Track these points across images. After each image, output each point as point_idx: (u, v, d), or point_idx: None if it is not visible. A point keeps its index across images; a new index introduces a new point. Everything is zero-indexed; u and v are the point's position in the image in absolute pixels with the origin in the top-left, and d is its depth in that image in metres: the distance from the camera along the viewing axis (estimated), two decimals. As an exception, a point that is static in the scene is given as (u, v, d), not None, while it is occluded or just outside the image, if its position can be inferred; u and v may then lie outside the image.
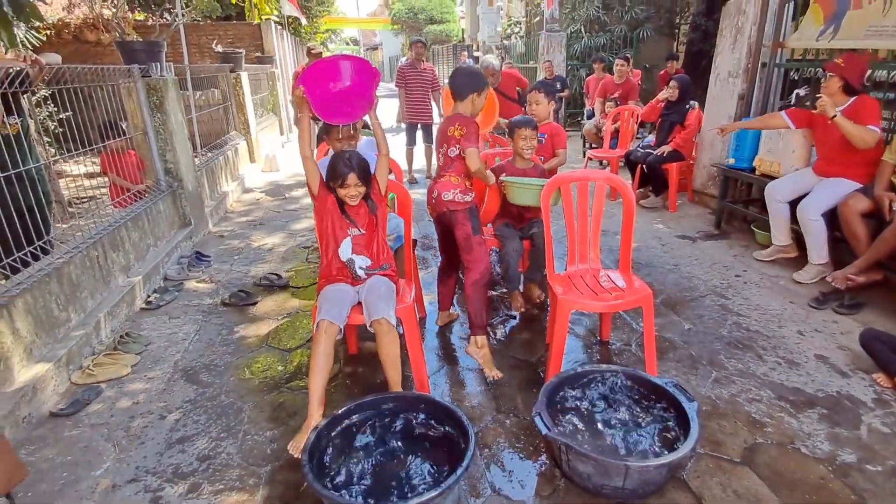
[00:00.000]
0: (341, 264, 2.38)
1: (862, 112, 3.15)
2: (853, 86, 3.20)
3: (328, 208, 2.36)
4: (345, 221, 2.37)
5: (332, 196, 2.36)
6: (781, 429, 2.25)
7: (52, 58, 3.05)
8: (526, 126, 3.08)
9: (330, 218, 2.37)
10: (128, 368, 2.77)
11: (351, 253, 2.36)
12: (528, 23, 11.58)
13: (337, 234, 2.37)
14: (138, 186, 3.99)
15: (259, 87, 8.96)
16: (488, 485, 2.01)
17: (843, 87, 3.20)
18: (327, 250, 2.41)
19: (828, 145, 3.35)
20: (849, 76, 3.17)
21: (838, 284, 3.07)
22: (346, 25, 28.57)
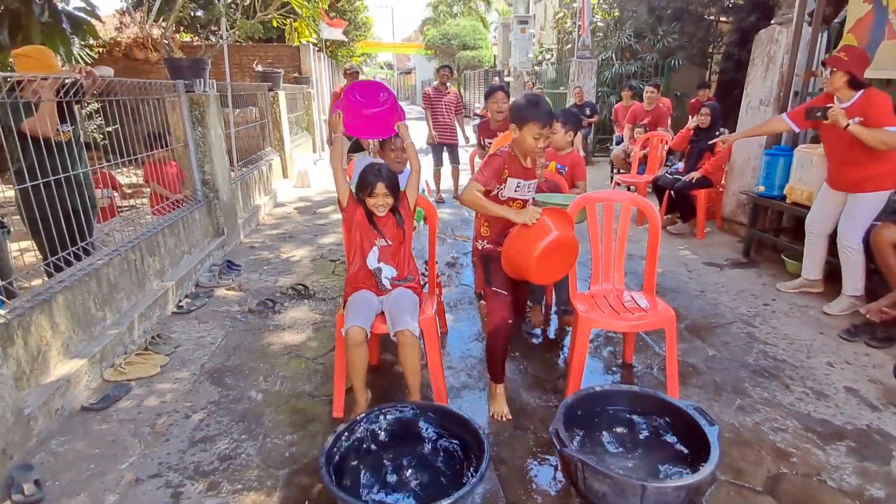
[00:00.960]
0: (368, 273, 2.45)
1: (873, 108, 2.99)
2: (859, 79, 3.06)
3: (357, 220, 2.45)
4: (373, 232, 2.44)
5: (360, 208, 2.45)
6: (807, 460, 2.19)
7: (105, 71, 3.23)
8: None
9: (359, 229, 2.45)
10: (157, 368, 2.86)
11: (378, 262, 2.43)
12: (560, 50, 11.73)
13: (364, 244, 2.45)
14: (177, 196, 4.15)
15: (295, 105, 9.26)
16: (503, 498, 2.00)
17: (849, 82, 3.06)
18: (355, 259, 2.48)
19: (839, 148, 3.18)
20: (853, 69, 3.03)
21: (873, 317, 2.98)
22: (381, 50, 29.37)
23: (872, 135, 2.98)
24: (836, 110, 3.06)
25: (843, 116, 3.04)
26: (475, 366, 2.91)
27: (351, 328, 2.23)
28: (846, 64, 3.04)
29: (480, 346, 3.11)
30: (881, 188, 3.13)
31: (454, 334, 3.26)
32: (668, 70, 8.86)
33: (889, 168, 3.10)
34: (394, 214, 2.47)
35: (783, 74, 4.15)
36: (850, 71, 3.04)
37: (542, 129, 2.25)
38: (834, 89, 3.13)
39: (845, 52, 3.08)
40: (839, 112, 3.04)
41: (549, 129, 2.31)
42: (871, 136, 2.98)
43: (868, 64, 3.09)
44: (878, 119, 2.98)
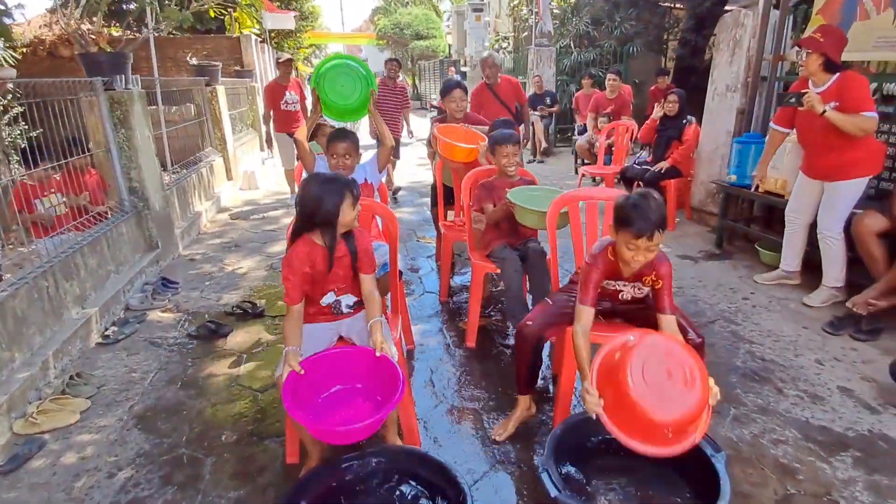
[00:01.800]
0: (321, 308, 2.09)
1: (850, 92, 2.83)
2: (835, 61, 2.90)
3: (305, 270, 1.95)
4: (327, 284, 2.04)
5: (315, 252, 1.96)
6: (814, 476, 2.01)
7: (6, 73, 2.78)
8: (507, 142, 2.84)
9: (308, 280, 1.98)
10: (76, 415, 2.44)
11: (335, 297, 2.08)
12: (516, 38, 11.50)
13: (315, 292, 2.04)
14: (99, 208, 3.66)
15: (238, 101, 8.67)
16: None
17: (824, 64, 2.90)
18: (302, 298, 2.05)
19: (814, 135, 3.01)
20: (829, 51, 2.86)
21: (860, 310, 2.85)
22: (330, 41, 28.39)
23: (850, 121, 2.82)
24: (812, 96, 2.88)
25: (819, 102, 2.86)
26: (446, 389, 2.62)
27: (279, 378, 1.84)
28: (821, 45, 2.87)
29: (451, 364, 2.82)
30: (859, 175, 2.99)
31: (422, 350, 2.97)
32: (626, 57, 8.75)
33: (866, 154, 2.96)
34: (349, 257, 2.01)
35: (750, 59, 4.01)
36: (826, 53, 2.87)
37: (637, 240, 1.80)
38: (809, 73, 2.96)
39: (821, 32, 2.90)
40: (815, 98, 2.87)
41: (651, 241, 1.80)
42: (848, 123, 2.82)
43: (845, 44, 2.92)
44: (855, 104, 2.82)
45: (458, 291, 3.75)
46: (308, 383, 1.82)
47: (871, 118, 2.80)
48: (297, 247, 1.91)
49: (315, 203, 1.88)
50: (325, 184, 1.91)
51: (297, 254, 1.90)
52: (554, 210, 2.44)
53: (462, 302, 3.56)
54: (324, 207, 1.88)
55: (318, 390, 1.90)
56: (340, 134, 2.68)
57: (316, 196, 1.88)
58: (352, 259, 2.01)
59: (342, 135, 2.67)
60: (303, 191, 1.93)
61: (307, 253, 1.92)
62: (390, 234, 2.45)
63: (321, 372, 1.89)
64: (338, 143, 2.62)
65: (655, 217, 1.78)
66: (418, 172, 7.94)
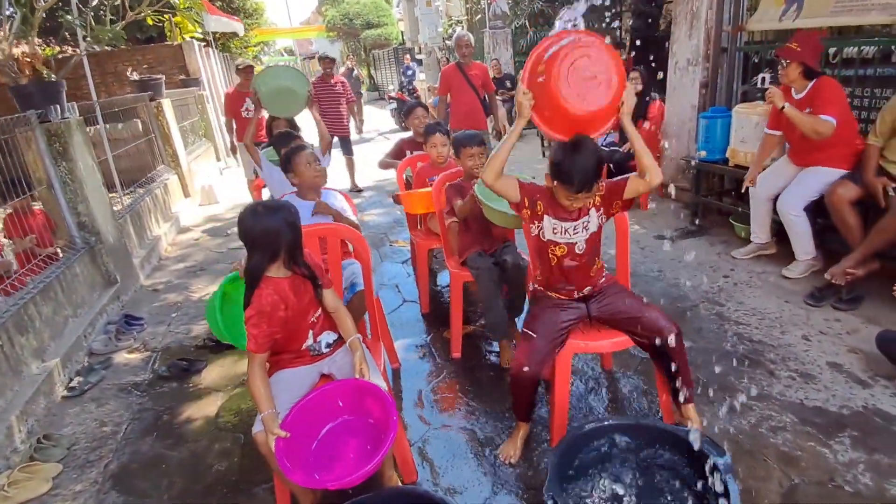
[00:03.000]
0: (300, 352, 1.96)
1: (820, 97, 2.94)
2: (813, 68, 2.97)
3: (273, 314, 1.80)
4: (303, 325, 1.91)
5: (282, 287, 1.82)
6: (817, 462, 1.99)
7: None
8: (471, 143, 2.74)
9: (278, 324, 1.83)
10: (48, 483, 2.27)
11: (313, 340, 1.95)
12: (470, 21, 11.28)
13: (290, 340, 1.93)
14: (49, 250, 3.42)
15: (187, 112, 8.31)
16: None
17: (804, 72, 2.98)
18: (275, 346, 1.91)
19: (796, 133, 3.10)
20: (807, 59, 2.94)
21: (838, 280, 2.86)
22: (278, 36, 27.57)
23: (806, 120, 2.93)
24: (773, 91, 2.99)
25: (779, 98, 2.97)
26: (436, 408, 2.53)
27: (258, 434, 1.73)
28: (799, 55, 2.94)
29: (439, 380, 2.73)
30: (836, 166, 3.05)
31: (408, 367, 2.86)
32: (581, 33, 8.64)
33: (847, 151, 3.03)
34: (307, 279, 1.88)
35: (709, 31, 3.96)
36: (804, 61, 2.95)
37: (575, 192, 1.88)
38: (789, 81, 3.03)
39: (797, 41, 2.96)
40: (777, 93, 2.98)
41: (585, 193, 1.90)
42: (805, 121, 2.93)
43: (822, 50, 3.01)
44: (822, 107, 2.91)
45: (438, 296, 3.65)
46: (296, 436, 1.71)
47: (827, 122, 2.87)
48: (261, 292, 1.75)
49: (274, 231, 1.73)
50: (267, 211, 1.76)
51: (264, 299, 1.75)
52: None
53: (444, 308, 3.47)
54: (283, 234, 1.74)
55: (308, 440, 1.79)
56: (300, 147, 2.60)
57: (270, 225, 1.73)
58: (311, 281, 1.87)
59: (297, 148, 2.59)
60: (248, 226, 1.75)
61: (273, 293, 1.77)
62: (362, 259, 2.32)
63: (306, 421, 1.78)
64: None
65: (592, 169, 1.85)
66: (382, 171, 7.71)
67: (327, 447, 1.80)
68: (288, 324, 1.84)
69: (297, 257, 1.81)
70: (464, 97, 4.84)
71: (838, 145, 3.02)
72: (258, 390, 1.73)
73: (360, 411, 1.85)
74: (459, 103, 4.88)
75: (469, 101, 4.83)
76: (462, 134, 2.79)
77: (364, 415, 1.85)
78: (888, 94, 3.11)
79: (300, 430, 1.74)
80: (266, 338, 1.76)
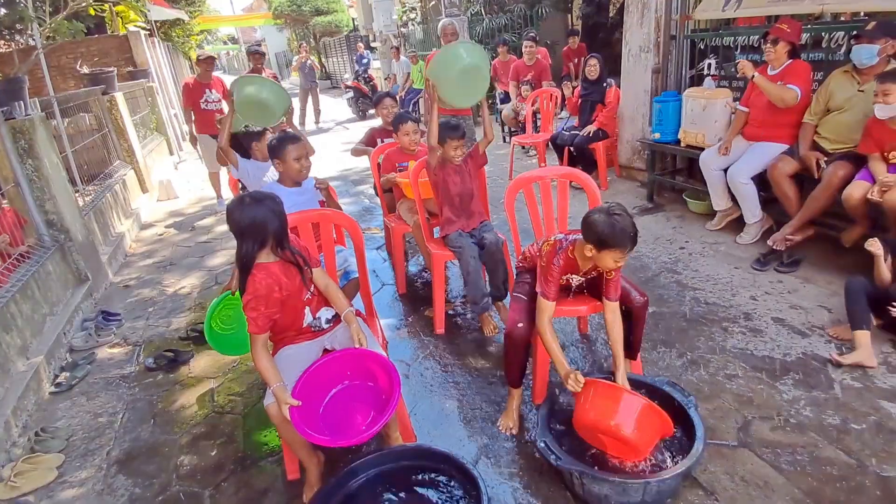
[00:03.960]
0: (301, 329, 2.08)
1: (792, 73, 3.26)
2: (797, 48, 3.32)
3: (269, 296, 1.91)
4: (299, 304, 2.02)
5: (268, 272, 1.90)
6: (765, 402, 2.29)
7: None
8: (454, 135, 2.82)
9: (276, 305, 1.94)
10: (53, 472, 2.32)
11: (312, 316, 2.08)
12: (424, 8, 11.30)
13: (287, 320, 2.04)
14: (20, 249, 3.37)
15: (137, 105, 8.05)
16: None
17: (790, 52, 3.30)
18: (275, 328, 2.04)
19: (757, 108, 3.45)
20: (795, 39, 3.27)
21: (779, 246, 3.20)
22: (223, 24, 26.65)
23: (773, 88, 3.26)
24: (744, 63, 3.34)
25: (749, 68, 3.31)
26: (425, 379, 2.70)
27: (270, 406, 1.87)
28: (788, 35, 3.24)
29: (425, 354, 2.90)
30: (780, 141, 3.39)
31: (395, 344, 3.01)
32: (537, 20, 8.87)
33: (789, 129, 3.38)
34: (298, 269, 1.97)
35: (658, 20, 4.24)
36: (792, 41, 3.26)
37: (624, 254, 1.94)
38: (775, 57, 3.33)
39: (786, 23, 3.27)
40: (747, 65, 3.32)
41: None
42: (772, 89, 3.26)
43: (801, 32, 3.37)
44: (791, 81, 3.25)
45: (414, 279, 3.80)
46: (305, 404, 1.84)
47: (793, 90, 3.22)
48: (255, 277, 1.86)
49: (261, 220, 1.84)
50: (254, 202, 1.86)
51: (258, 283, 1.85)
52: (510, 195, 2.53)
53: (420, 290, 3.63)
54: (270, 222, 1.85)
55: (316, 406, 1.92)
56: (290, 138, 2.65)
57: (257, 215, 1.83)
58: (297, 267, 1.98)
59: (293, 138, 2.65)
60: (237, 217, 1.84)
61: (266, 276, 1.87)
62: (356, 245, 2.45)
63: (313, 389, 1.91)
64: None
65: (635, 231, 1.90)
66: (345, 159, 7.72)
67: (335, 411, 1.94)
68: (285, 304, 1.95)
69: (284, 243, 1.91)
70: None
71: (788, 123, 3.36)
72: (264, 366, 1.85)
73: (362, 376, 1.99)
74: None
75: None
76: (446, 125, 2.86)
77: (366, 379, 1.99)
78: (820, 76, 3.45)
79: (308, 397, 1.87)
80: (265, 319, 1.88)
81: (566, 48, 7.47)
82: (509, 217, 2.65)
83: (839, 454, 2.00)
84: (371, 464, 1.94)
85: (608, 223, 1.88)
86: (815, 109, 3.21)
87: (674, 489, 1.88)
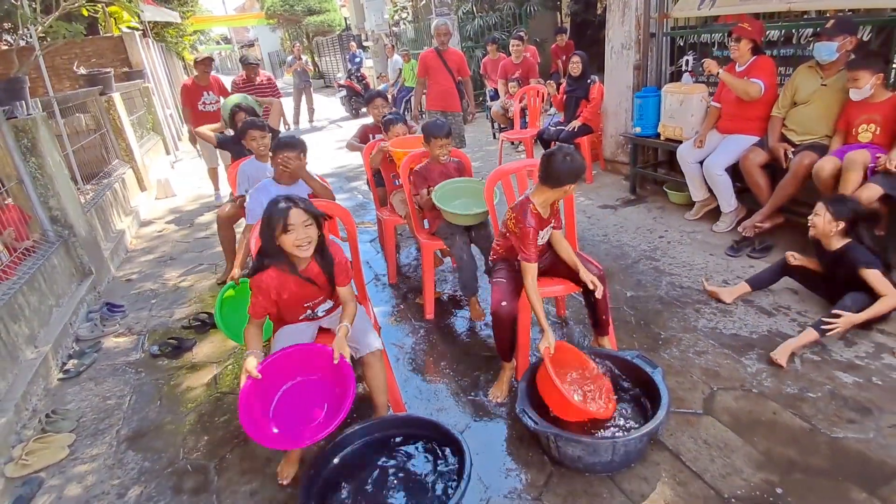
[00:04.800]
0: (297, 318, 2.25)
1: (755, 69, 3.46)
2: (759, 45, 3.51)
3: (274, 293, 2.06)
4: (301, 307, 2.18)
5: (271, 271, 2.04)
6: (731, 375, 2.46)
7: None
8: (440, 134, 2.99)
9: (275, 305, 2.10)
10: (65, 450, 2.47)
11: (311, 311, 2.24)
12: (415, 7, 11.45)
13: (289, 315, 2.20)
14: (26, 243, 3.51)
15: (133, 105, 8.17)
16: (483, 486, 2.02)
17: (752, 49, 3.50)
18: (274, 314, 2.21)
19: (728, 103, 3.66)
20: (756, 36, 3.46)
21: (748, 233, 3.38)
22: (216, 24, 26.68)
23: (737, 83, 3.47)
24: (709, 62, 3.56)
25: (714, 66, 3.52)
26: (416, 361, 2.87)
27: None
28: (750, 33, 3.44)
29: (416, 338, 3.07)
30: (749, 133, 3.60)
31: (388, 330, 3.17)
32: (526, 17, 9.03)
33: (757, 123, 3.58)
34: (320, 257, 2.09)
35: (638, 18, 4.41)
36: (754, 38, 3.46)
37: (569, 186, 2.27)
38: (740, 54, 3.53)
39: (748, 22, 3.48)
40: (712, 64, 3.54)
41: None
42: (736, 84, 3.47)
43: (764, 31, 3.58)
44: (755, 75, 3.45)
45: (404, 270, 3.96)
46: (267, 381, 1.98)
47: (756, 83, 3.42)
48: (268, 272, 2.02)
49: (263, 241, 1.99)
50: (265, 219, 1.97)
51: (266, 278, 2.02)
52: (490, 186, 2.70)
53: (409, 280, 3.79)
54: (265, 245, 1.99)
55: (275, 388, 2.03)
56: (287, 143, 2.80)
57: (261, 233, 1.99)
58: (327, 277, 2.13)
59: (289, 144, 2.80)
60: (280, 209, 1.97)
61: (276, 279, 2.03)
62: (349, 232, 2.61)
63: (282, 366, 2.03)
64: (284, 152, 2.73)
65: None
66: (339, 156, 7.90)
67: (292, 402, 2.05)
68: (284, 305, 2.12)
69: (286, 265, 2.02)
70: (440, 80, 5.18)
71: (757, 117, 3.55)
72: (248, 337, 2.06)
73: (328, 377, 2.06)
74: (436, 85, 5.21)
75: (445, 83, 5.18)
76: (433, 124, 3.02)
77: (331, 382, 2.06)
78: (789, 71, 3.63)
79: (272, 375, 1.99)
80: (261, 308, 2.06)
81: (555, 46, 7.63)
82: (489, 207, 2.82)
83: (795, 419, 2.18)
84: (360, 433, 2.09)
85: (559, 159, 2.20)
86: (782, 103, 3.39)
87: (640, 450, 2.05)
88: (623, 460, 2.00)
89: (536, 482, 2.03)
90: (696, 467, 2.00)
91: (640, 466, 2.03)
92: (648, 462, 2.05)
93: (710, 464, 2.01)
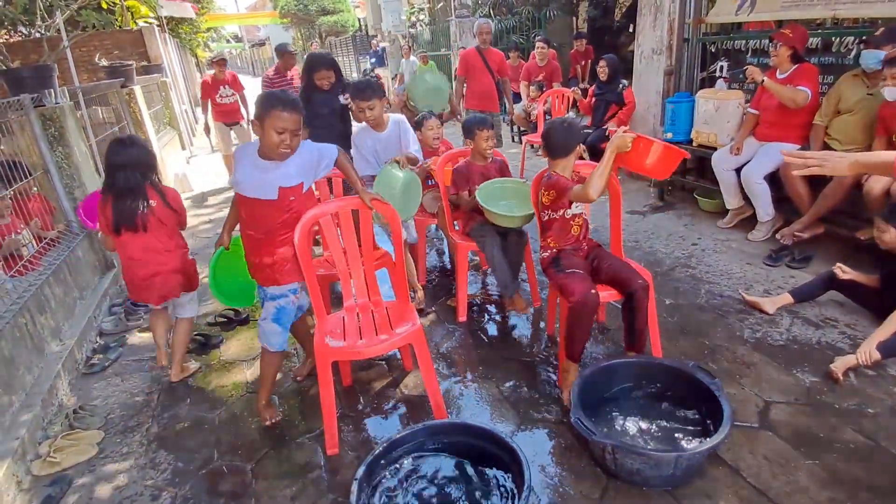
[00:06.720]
0: None
1: (799, 77, 3.40)
2: (800, 53, 3.44)
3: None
4: None
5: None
6: (784, 387, 2.38)
7: None
8: (484, 126, 2.98)
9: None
10: (94, 448, 2.39)
11: None
12: (432, 9, 11.43)
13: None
14: (50, 234, 3.44)
15: (152, 99, 8.13)
16: (535, 497, 1.95)
17: (792, 56, 3.43)
18: None
19: (768, 110, 3.59)
20: (797, 44, 3.39)
21: (787, 241, 3.31)
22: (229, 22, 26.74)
23: (784, 90, 3.38)
24: (752, 69, 3.48)
25: (758, 73, 3.43)
26: (454, 364, 2.80)
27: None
28: (791, 40, 3.37)
29: (451, 341, 2.99)
30: (790, 141, 3.52)
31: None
32: (544, 22, 9.00)
33: (799, 130, 3.53)
34: None
35: (671, 23, 4.35)
36: (794, 46, 3.38)
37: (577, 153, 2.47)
38: (779, 61, 3.47)
39: (790, 29, 3.40)
40: (755, 71, 3.45)
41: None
42: (782, 91, 3.38)
43: (807, 39, 3.49)
44: (800, 83, 3.38)
45: (431, 271, 3.89)
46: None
47: (803, 91, 3.33)
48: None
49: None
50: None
51: None
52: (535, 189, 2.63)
53: (437, 281, 3.72)
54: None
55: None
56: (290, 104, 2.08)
57: None
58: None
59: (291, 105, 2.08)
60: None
61: None
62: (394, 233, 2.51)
63: None
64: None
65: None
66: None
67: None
68: None
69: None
70: (481, 79, 5.14)
71: (799, 124, 3.49)
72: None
73: None
74: (477, 84, 5.17)
75: (486, 83, 5.14)
76: (475, 117, 3.02)
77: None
78: (830, 80, 3.57)
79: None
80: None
81: (573, 51, 7.57)
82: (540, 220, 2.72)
83: (857, 436, 2.10)
84: (409, 438, 2.02)
85: (559, 131, 2.41)
86: (825, 111, 3.33)
87: (702, 464, 1.98)
88: (684, 475, 1.93)
89: (591, 495, 1.95)
90: (758, 484, 1.92)
91: (699, 481, 1.95)
92: (707, 477, 1.97)
93: (773, 480, 1.93)
